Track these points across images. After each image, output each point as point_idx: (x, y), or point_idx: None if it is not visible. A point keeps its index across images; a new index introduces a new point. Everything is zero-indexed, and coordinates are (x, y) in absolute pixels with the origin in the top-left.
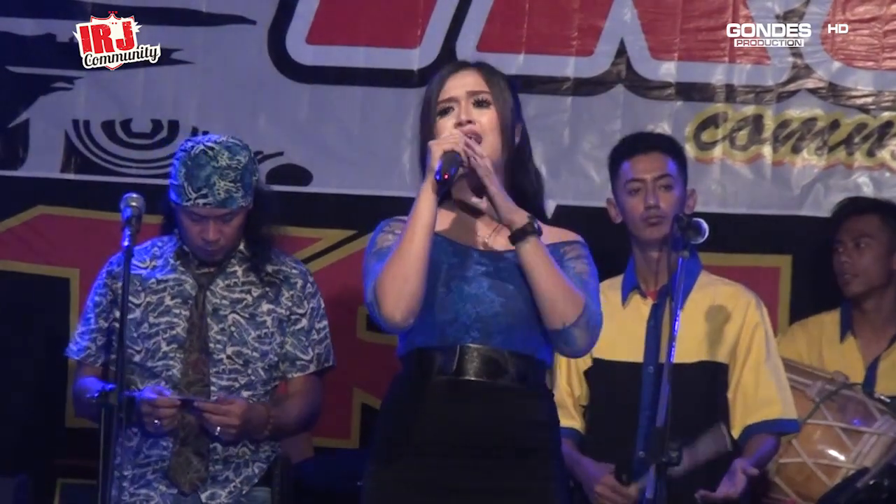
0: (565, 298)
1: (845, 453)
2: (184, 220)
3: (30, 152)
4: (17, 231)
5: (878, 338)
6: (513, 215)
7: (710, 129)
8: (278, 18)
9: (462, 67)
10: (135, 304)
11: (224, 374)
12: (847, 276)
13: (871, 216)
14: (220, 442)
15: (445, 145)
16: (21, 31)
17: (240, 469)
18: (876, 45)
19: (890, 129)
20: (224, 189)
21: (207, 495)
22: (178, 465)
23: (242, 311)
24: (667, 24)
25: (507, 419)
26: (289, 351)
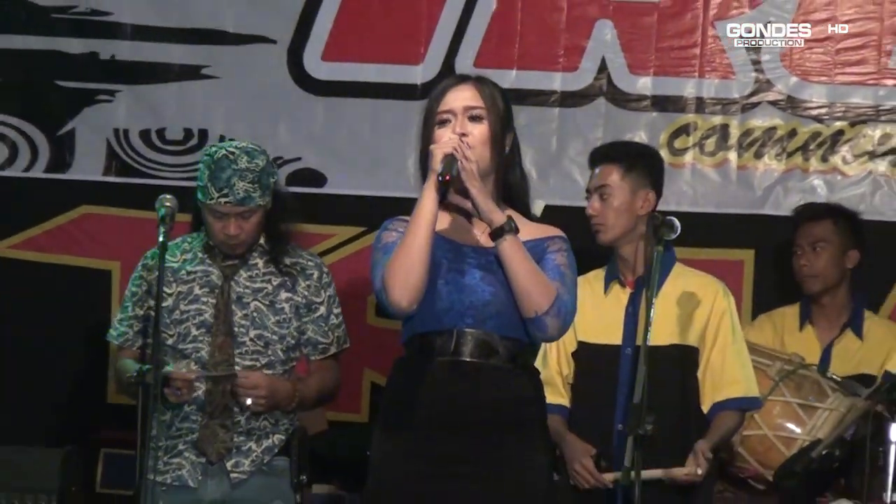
0: (538, 290)
1: (801, 426)
2: (208, 217)
3: (76, 157)
4: (65, 228)
5: (831, 326)
6: (492, 215)
7: (682, 136)
8: (296, 38)
9: (461, 82)
10: (167, 293)
11: (247, 355)
12: (806, 277)
13: (825, 221)
14: (245, 415)
15: (446, 149)
16: (68, 50)
17: (261, 440)
18: (829, 63)
19: (841, 136)
20: (243, 189)
21: (232, 464)
22: (206, 437)
23: (263, 299)
24: (643, 43)
25: (499, 395)
26: (310, 336)
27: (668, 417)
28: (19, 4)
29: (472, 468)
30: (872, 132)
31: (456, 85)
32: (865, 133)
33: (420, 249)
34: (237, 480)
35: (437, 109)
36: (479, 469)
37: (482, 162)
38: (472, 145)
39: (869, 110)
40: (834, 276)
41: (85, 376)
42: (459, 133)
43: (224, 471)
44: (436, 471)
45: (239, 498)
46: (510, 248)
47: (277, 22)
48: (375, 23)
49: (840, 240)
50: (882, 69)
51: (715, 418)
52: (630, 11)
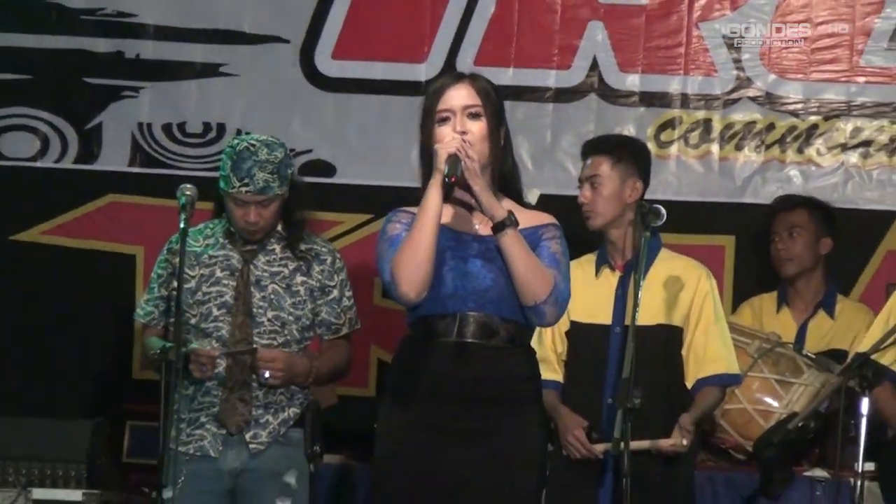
0: (537, 280)
1: (778, 400)
2: (230, 204)
3: (102, 149)
4: (92, 215)
5: (806, 307)
6: (494, 210)
7: (668, 130)
8: (308, 38)
9: (458, 80)
10: (190, 275)
11: (265, 334)
12: (783, 261)
13: (800, 210)
14: (262, 390)
15: (450, 149)
16: (95, 49)
17: (278, 413)
18: (805, 61)
19: (816, 130)
20: (262, 179)
21: (251, 435)
22: (226, 410)
23: (280, 282)
24: (632, 43)
25: (498, 373)
26: (324, 318)
27: (654, 392)
28: (50, 6)
29: (471, 439)
30: (845, 126)
31: (453, 84)
32: (838, 127)
33: (427, 245)
34: (255, 451)
35: (436, 108)
36: (478, 439)
37: (481, 157)
38: (472, 142)
39: (841, 106)
40: (808, 261)
41: (112, 354)
42: (460, 131)
43: (243, 441)
44: (438, 441)
45: (257, 467)
46: (511, 240)
47: (291, 23)
48: (382, 24)
49: (814, 227)
50: (854, 67)
51: (698, 393)
52: (619, 13)
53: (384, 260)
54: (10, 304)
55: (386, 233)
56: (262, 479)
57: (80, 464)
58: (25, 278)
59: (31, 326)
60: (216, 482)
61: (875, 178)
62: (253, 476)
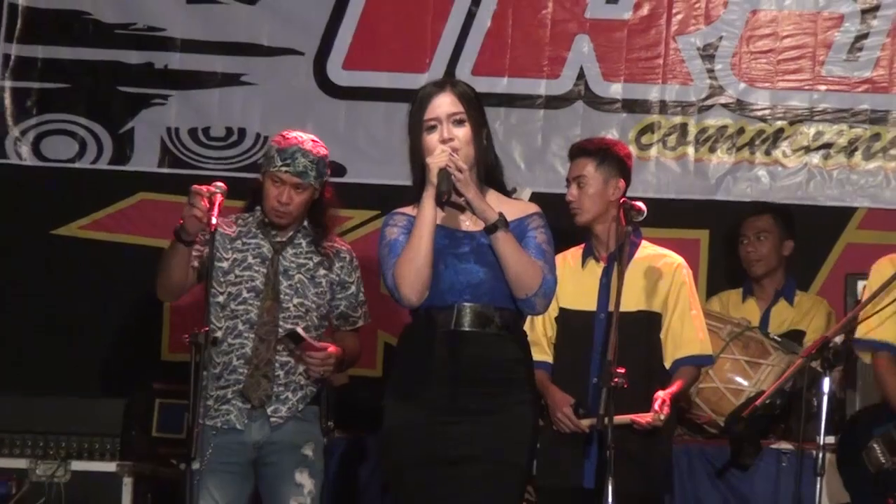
0: (528, 276)
1: (748, 380)
2: (267, 185)
3: (134, 152)
4: (125, 212)
5: (768, 297)
6: (486, 213)
7: (648, 134)
8: (321, 50)
9: (441, 90)
10: (225, 257)
11: (289, 319)
12: (752, 262)
13: (766, 216)
14: (284, 369)
15: (440, 163)
16: (128, 61)
17: (296, 391)
18: (771, 71)
19: (782, 134)
20: (302, 165)
21: (272, 409)
22: (251, 386)
23: (305, 273)
24: (615, 55)
25: (493, 357)
26: (343, 311)
27: (635, 372)
28: (87, 21)
29: (468, 416)
30: (808, 130)
31: (437, 93)
32: (802, 131)
33: (425, 254)
34: (276, 424)
35: (423, 118)
36: (474, 416)
37: (468, 158)
38: (459, 147)
39: (805, 111)
40: (774, 261)
41: (142, 338)
42: (447, 137)
43: (265, 416)
44: (437, 417)
45: (277, 440)
46: (502, 241)
47: (305, 37)
48: (388, 37)
49: (778, 231)
50: (816, 76)
51: (675, 373)
52: (604, 27)
53: (385, 266)
54: (51, 292)
55: (385, 238)
56: (282, 451)
57: (114, 438)
58: (64, 269)
59: (69, 313)
60: (241, 454)
61: (835, 177)
62: (274, 448)
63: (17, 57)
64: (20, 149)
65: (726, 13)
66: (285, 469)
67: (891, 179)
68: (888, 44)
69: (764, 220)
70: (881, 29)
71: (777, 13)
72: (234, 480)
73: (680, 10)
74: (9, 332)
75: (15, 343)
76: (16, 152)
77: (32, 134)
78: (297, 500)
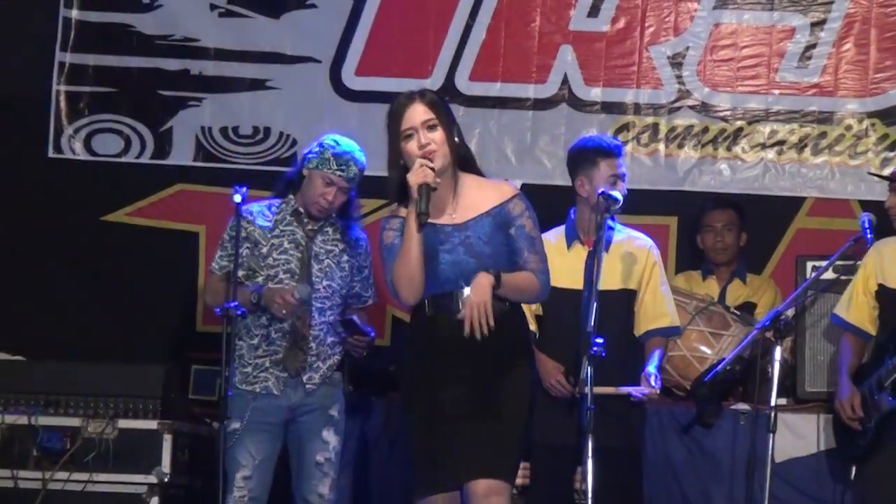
0: (528, 293)
1: (711, 349)
2: (317, 181)
3: (173, 147)
4: (165, 200)
5: (724, 277)
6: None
7: (623, 132)
8: (336, 58)
9: (412, 101)
10: (263, 243)
11: (318, 300)
12: (718, 251)
13: (731, 210)
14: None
15: (419, 180)
16: (167, 68)
17: (326, 360)
18: (732, 77)
19: (741, 132)
20: (354, 172)
21: (306, 377)
22: (288, 357)
23: (333, 259)
24: (595, 62)
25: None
26: (358, 291)
27: (617, 341)
28: (132, 33)
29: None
30: (764, 129)
31: (409, 104)
32: (758, 129)
33: (415, 263)
34: (310, 389)
35: (400, 129)
36: (476, 380)
37: (445, 158)
38: (436, 149)
39: (761, 112)
40: (735, 250)
41: (180, 311)
42: (424, 143)
43: (300, 382)
44: (445, 381)
45: (310, 402)
46: (505, 288)
47: (322, 47)
48: (395, 47)
49: (739, 223)
50: (770, 82)
51: (647, 343)
52: (585, 39)
53: (385, 269)
54: (100, 272)
55: (383, 241)
56: (313, 412)
57: (155, 399)
58: (113, 251)
59: (116, 291)
60: (276, 415)
61: (787, 170)
62: (306, 409)
63: (71, 65)
64: (74, 145)
65: (692, 26)
66: (315, 428)
67: (836, 173)
68: (833, 53)
69: (729, 214)
70: (827, 40)
71: (737, 26)
72: (269, 439)
73: (652, 24)
74: (64, 307)
75: (69, 316)
76: (70, 148)
77: (84, 132)
78: (323, 455)
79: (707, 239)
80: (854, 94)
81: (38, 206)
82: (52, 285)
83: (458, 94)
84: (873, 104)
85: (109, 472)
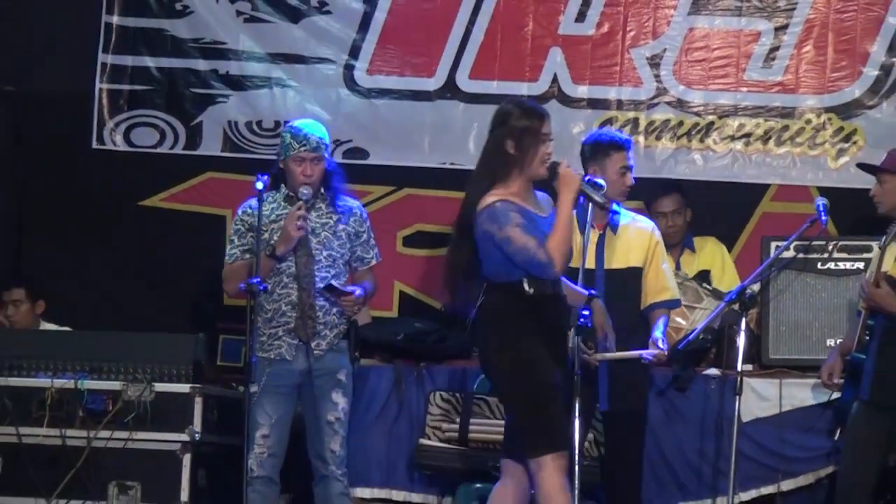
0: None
1: (686, 320)
2: (291, 166)
3: (203, 139)
4: (195, 187)
5: (676, 252)
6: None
7: (607, 125)
8: (349, 60)
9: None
10: (264, 230)
11: (322, 269)
12: (671, 234)
13: (675, 194)
14: (322, 311)
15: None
16: (197, 68)
17: (332, 329)
18: (705, 76)
19: (712, 126)
20: (315, 141)
21: (315, 344)
22: (299, 325)
23: (328, 230)
24: (582, 63)
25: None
26: (359, 254)
27: (628, 314)
28: (166, 37)
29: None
30: (733, 122)
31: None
32: (728, 123)
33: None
34: (318, 355)
35: (542, 130)
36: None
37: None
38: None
39: (730, 108)
40: (685, 230)
41: (209, 286)
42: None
43: (309, 349)
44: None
45: (318, 367)
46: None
47: (336, 50)
48: (402, 50)
49: (685, 203)
50: (739, 80)
51: (652, 314)
52: (573, 41)
53: (530, 248)
54: (138, 252)
55: (517, 228)
56: (322, 376)
57: (187, 366)
58: (149, 233)
59: (153, 268)
60: (289, 378)
61: (753, 160)
62: (316, 374)
63: (112, 65)
64: (114, 137)
65: (669, 30)
66: (325, 390)
67: (797, 162)
68: (795, 54)
69: (675, 199)
70: (789, 43)
71: (709, 30)
72: (283, 401)
73: (633, 28)
74: (106, 283)
75: (110, 291)
76: (111, 140)
77: (124, 126)
78: (333, 415)
79: (659, 224)
80: (813, 92)
81: (82, 192)
82: (94, 263)
83: (458, 91)
84: (830, 100)
85: (147, 430)
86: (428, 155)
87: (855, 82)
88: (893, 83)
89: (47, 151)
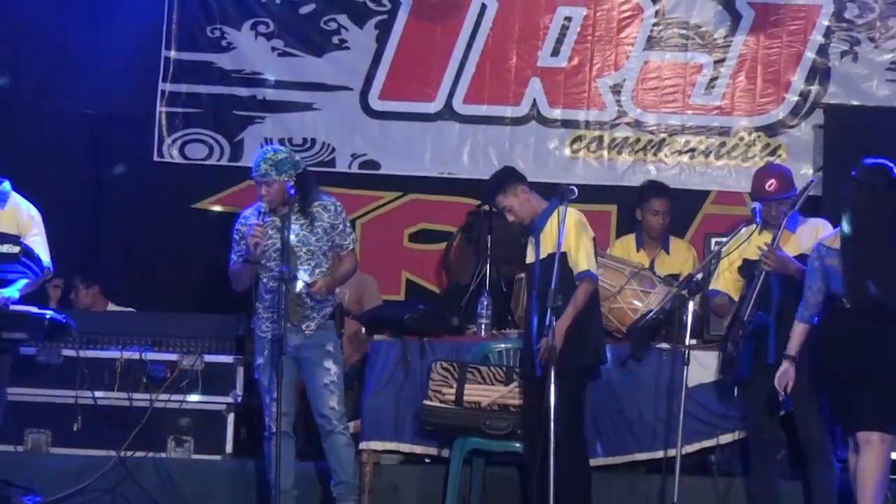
0: None
1: (641, 302)
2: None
3: (244, 153)
4: (238, 193)
5: (652, 249)
6: None
7: (577, 142)
8: (364, 87)
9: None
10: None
11: (304, 263)
12: (657, 229)
13: (666, 198)
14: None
15: None
16: (239, 94)
17: (320, 311)
18: (658, 101)
19: (664, 142)
20: (263, 169)
21: (305, 325)
22: (292, 310)
23: (305, 229)
24: (556, 90)
25: None
26: (338, 242)
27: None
28: (214, 68)
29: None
30: (680, 139)
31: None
32: (677, 140)
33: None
34: (309, 334)
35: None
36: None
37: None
38: None
39: (678, 127)
40: (667, 227)
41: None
42: None
43: (301, 329)
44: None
45: (309, 343)
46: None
47: (353, 78)
48: (408, 79)
49: (671, 207)
50: (685, 105)
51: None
52: (549, 72)
53: None
54: (191, 247)
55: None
56: (313, 349)
57: (230, 340)
58: (200, 231)
59: (204, 261)
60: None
61: (697, 170)
62: (307, 347)
63: (170, 92)
64: (172, 151)
65: (628, 63)
66: (317, 360)
67: (732, 172)
68: (730, 83)
69: (666, 202)
70: (726, 74)
71: (661, 63)
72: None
73: (598, 62)
74: (164, 272)
75: (167, 279)
76: (169, 154)
77: (179, 142)
78: (327, 378)
79: (650, 219)
80: (745, 114)
81: (145, 197)
82: (155, 255)
83: (454, 113)
84: (759, 121)
85: (198, 394)
86: (429, 166)
87: (779, 106)
88: (810, 107)
89: (117, 162)
